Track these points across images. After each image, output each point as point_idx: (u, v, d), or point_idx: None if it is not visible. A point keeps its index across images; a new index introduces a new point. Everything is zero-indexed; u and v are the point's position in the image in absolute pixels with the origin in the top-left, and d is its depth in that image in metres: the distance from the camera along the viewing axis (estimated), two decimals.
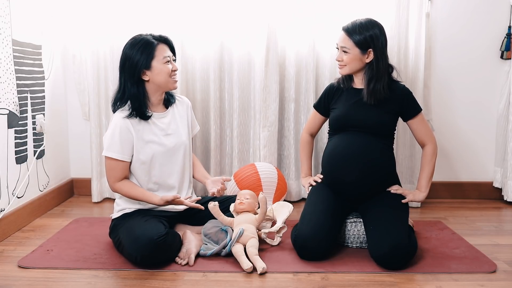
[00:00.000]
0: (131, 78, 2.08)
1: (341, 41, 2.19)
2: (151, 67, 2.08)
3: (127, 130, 2.08)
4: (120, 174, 2.10)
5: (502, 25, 2.96)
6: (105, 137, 2.12)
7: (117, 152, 2.07)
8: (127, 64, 2.08)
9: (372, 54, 2.16)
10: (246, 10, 2.87)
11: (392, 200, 2.16)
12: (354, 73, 2.25)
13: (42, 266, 1.98)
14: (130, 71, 2.08)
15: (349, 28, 2.17)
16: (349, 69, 2.21)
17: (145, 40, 2.09)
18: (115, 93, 2.16)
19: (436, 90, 3.02)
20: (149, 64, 2.07)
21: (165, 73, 2.10)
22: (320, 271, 1.94)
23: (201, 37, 2.89)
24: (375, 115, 2.18)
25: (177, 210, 2.21)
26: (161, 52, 2.09)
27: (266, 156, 2.91)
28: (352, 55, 2.17)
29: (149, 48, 2.07)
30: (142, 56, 2.06)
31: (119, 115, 2.10)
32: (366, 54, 2.16)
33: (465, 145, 3.08)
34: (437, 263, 2.02)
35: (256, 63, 2.90)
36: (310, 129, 2.47)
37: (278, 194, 2.72)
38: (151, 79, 2.10)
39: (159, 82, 2.11)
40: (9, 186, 2.39)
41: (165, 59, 2.09)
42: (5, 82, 2.34)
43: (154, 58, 2.08)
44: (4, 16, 2.34)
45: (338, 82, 2.34)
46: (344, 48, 2.18)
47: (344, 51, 2.18)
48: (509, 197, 2.94)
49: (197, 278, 1.88)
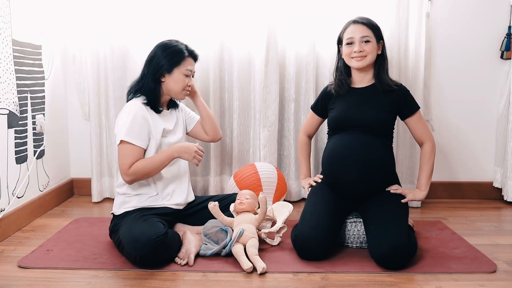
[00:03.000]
0: (153, 75, 2.17)
1: (360, 31, 2.20)
2: (171, 73, 2.17)
3: (145, 117, 2.12)
4: (134, 160, 2.09)
5: (502, 25, 2.97)
6: (120, 123, 2.12)
7: (136, 138, 2.09)
8: (154, 61, 2.17)
9: (381, 46, 2.24)
10: (246, 10, 2.87)
11: (392, 200, 2.16)
12: (367, 66, 2.24)
13: (42, 266, 1.98)
14: (154, 69, 2.17)
15: (364, 19, 2.23)
16: (370, 59, 2.22)
17: (178, 48, 2.19)
18: (134, 82, 2.24)
19: (436, 90, 3.02)
20: (172, 69, 2.17)
21: (181, 84, 2.20)
22: (320, 271, 1.94)
23: (201, 37, 2.89)
24: (374, 114, 2.19)
25: (178, 208, 2.23)
26: (186, 65, 2.20)
27: (266, 156, 2.91)
28: (373, 44, 2.21)
29: (179, 56, 2.18)
30: (170, 61, 2.16)
31: (136, 102, 2.14)
32: (379, 45, 2.23)
33: (465, 145, 3.09)
34: (437, 263, 2.02)
35: (256, 63, 2.90)
36: (308, 130, 2.48)
37: (278, 194, 2.72)
38: (166, 83, 2.19)
39: (171, 88, 2.20)
40: (9, 186, 2.39)
41: (187, 71, 2.20)
42: (5, 82, 2.34)
43: (178, 66, 2.17)
44: (4, 16, 2.34)
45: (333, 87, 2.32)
46: (366, 37, 2.19)
47: (366, 41, 2.19)
48: (509, 197, 2.94)
49: (197, 278, 1.88)
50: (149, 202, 2.16)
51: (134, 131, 2.08)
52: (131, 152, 2.08)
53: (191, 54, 2.22)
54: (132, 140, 2.08)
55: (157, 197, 2.17)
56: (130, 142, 2.08)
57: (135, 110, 2.11)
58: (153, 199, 2.16)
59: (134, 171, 2.08)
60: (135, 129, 2.09)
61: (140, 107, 2.12)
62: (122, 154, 2.10)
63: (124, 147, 2.09)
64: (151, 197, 2.16)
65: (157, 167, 2.12)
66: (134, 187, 2.17)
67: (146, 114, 2.13)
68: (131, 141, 2.08)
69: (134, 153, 2.09)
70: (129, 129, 2.08)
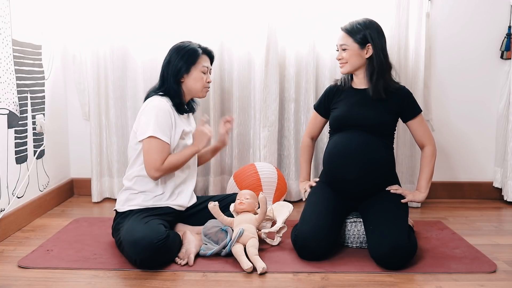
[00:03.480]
0: (174, 77, 2.19)
1: (340, 39, 2.24)
2: (190, 72, 2.20)
3: (170, 114, 2.13)
4: (163, 156, 2.09)
5: (502, 25, 2.97)
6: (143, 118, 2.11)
7: (164, 134, 2.09)
8: (171, 65, 2.21)
9: (371, 49, 2.19)
10: (246, 10, 2.87)
11: (392, 200, 2.16)
12: (355, 71, 2.26)
13: (42, 266, 1.98)
14: (173, 71, 2.20)
15: (347, 27, 2.23)
16: (350, 66, 2.23)
17: (191, 48, 2.21)
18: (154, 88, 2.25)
19: (436, 90, 3.02)
20: (190, 69, 2.20)
21: (200, 81, 2.22)
22: (320, 271, 1.94)
23: (201, 37, 2.88)
24: (376, 115, 2.19)
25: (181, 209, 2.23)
26: (202, 62, 2.22)
27: (266, 156, 2.91)
28: (351, 51, 2.20)
29: (193, 56, 2.20)
30: (187, 61, 2.19)
31: (161, 100, 2.15)
32: (365, 49, 2.19)
33: (465, 145, 3.09)
34: (437, 263, 2.02)
35: (256, 63, 2.90)
36: (311, 132, 2.47)
37: (278, 194, 2.72)
38: (186, 83, 2.22)
39: (192, 87, 2.23)
40: (9, 186, 2.39)
41: (203, 68, 2.23)
42: (5, 82, 2.34)
43: (194, 65, 2.20)
44: (4, 16, 2.34)
45: (336, 83, 2.35)
46: (344, 46, 2.21)
47: (343, 49, 2.22)
48: (509, 197, 2.94)
49: (197, 278, 1.88)
50: (153, 202, 2.15)
51: (162, 127, 2.09)
52: (160, 148, 2.09)
53: (205, 51, 2.26)
54: (161, 136, 2.08)
55: (162, 197, 2.17)
56: (160, 137, 2.08)
57: (160, 106, 2.11)
58: (158, 198, 2.16)
59: (167, 166, 2.10)
60: (162, 125, 2.09)
61: (165, 104, 2.13)
62: (152, 150, 2.08)
63: (153, 142, 2.08)
64: (156, 196, 2.16)
65: (183, 163, 2.17)
66: (141, 184, 2.16)
67: (171, 111, 2.15)
68: (160, 137, 2.08)
69: (163, 148, 2.09)
70: (157, 125, 2.08)
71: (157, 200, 2.16)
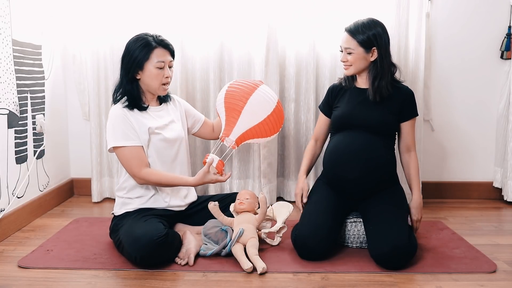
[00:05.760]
0: (126, 76, 2.12)
1: (345, 42, 2.20)
2: (143, 68, 2.10)
3: (125, 117, 2.08)
4: (137, 161, 2.05)
5: (502, 25, 2.96)
6: (108, 132, 2.11)
7: (124, 139, 2.06)
8: (125, 61, 2.12)
9: (376, 53, 2.17)
10: (246, 10, 2.87)
11: (392, 200, 2.16)
12: (359, 73, 2.25)
13: (42, 266, 1.98)
14: (126, 67, 2.11)
15: (352, 29, 2.18)
16: (354, 69, 2.22)
17: (145, 41, 2.10)
18: (116, 84, 2.19)
19: (436, 90, 3.02)
20: (142, 65, 2.09)
21: (155, 78, 2.11)
22: (320, 271, 1.94)
23: (201, 37, 2.89)
24: (379, 115, 2.19)
25: (180, 209, 2.23)
26: (157, 56, 2.09)
27: (266, 156, 2.90)
28: (356, 55, 2.18)
29: (146, 50, 2.08)
30: (138, 56, 2.08)
31: (115, 107, 2.12)
32: (370, 53, 2.18)
33: (465, 145, 3.08)
34: (437, 263, 2.02)
35: (256, 63, 2.90)
36: (316, 134, 2.43)
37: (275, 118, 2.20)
38: (142, 80, 2.13)
39: (148, 84, 2.13)
40: (9, 186, 2.39)
41: (159, 63, 2.09)
42: (5, 82, 2.34)
43: (148, 60, 2.08)
44: (4, 16, 2.34)
45: (340, 82, 2.35)
46: (349, 49, 2.18)
47: (348, 52, 2.19)
48: (509, 197, 2.94)
49: (197, 278, 1.88)
50: (150, 203, 2.15)
51: (121, 133, 2.06)
52: (131, 154, 2.07)
53: (161, 43, 2.10)
54: (124, 143, 2.06)
55: (158, 197, 2.16)
56: (123, 145, 2.06)
57: (113, 114, 2.09)
58: (154, 199, 2.16)
59: (145, 177, 2.06)
60: (121, 131, 2.06)
61: (118, 111, 2.09)
62: (124, 158, 2.08)
63: (120, 153, 2.08)
64: (152, 197, 2.16)
65: (168, 185, 2.12)
66: (134, 192, 2.15)
67: (127, 115, 2.09)
68: (123, 144, 2.06)
69: (134, 153, 2.07)
70: (115, 133, 2.07)
71: (154, 200, 2.16)
